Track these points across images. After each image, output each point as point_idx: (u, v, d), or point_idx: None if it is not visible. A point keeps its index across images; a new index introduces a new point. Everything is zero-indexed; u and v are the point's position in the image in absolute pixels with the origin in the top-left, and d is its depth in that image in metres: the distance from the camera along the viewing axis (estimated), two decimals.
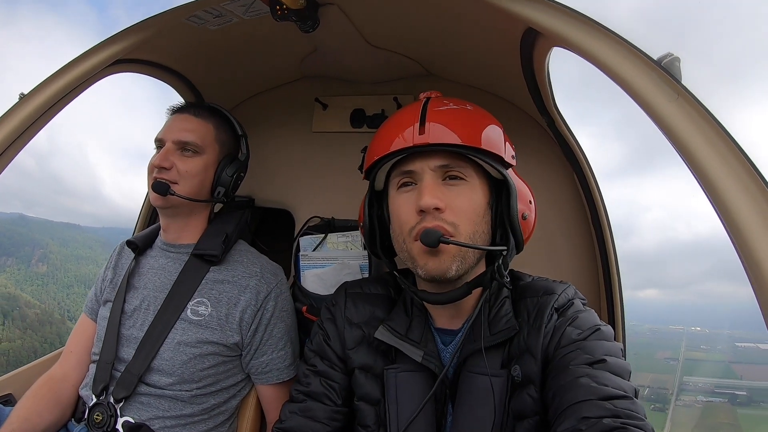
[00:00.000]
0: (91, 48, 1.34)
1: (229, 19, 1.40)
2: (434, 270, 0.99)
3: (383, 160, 1.07)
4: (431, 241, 0.95)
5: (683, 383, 58.04)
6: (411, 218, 1.01)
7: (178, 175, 1.39)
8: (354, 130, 1.86)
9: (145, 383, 1.31)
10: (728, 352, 79.40)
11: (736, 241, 0.82)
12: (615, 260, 1.52)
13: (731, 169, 0.83)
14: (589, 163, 1.55)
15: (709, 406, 53.34)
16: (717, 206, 0.84)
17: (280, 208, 1.94)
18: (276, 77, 1.92)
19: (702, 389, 57.64)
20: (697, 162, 0.85)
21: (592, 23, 0.98)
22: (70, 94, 1.36)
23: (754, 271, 0.79)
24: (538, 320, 1.01)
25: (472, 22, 1.33)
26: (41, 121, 1.33)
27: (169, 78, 1.69)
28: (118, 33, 1.36)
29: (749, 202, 0.81)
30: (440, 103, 1.07)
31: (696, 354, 76.15)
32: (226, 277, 1.41)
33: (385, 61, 1.67)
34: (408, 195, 1.04)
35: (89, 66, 1.33)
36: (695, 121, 0.87)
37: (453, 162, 1.02)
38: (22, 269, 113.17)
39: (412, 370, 1.06)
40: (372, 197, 1.15)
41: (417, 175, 1.03)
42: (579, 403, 0.83)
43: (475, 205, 1.02)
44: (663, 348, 76.04)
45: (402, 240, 1.04)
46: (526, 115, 1.68)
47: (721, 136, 0.85)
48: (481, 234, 1.02)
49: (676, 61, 0.94)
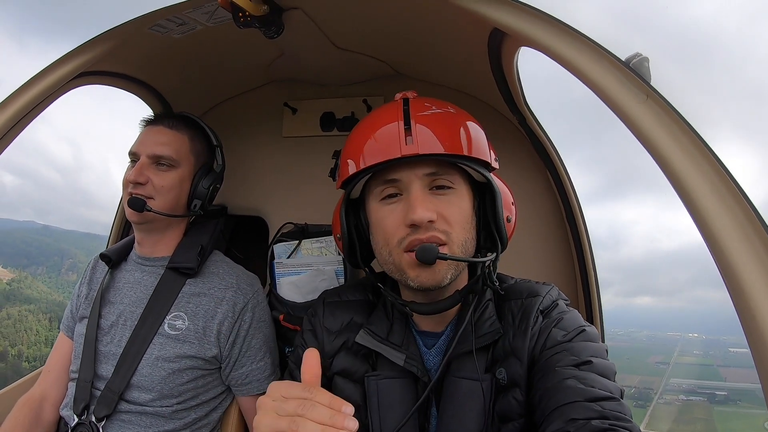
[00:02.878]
0: (54, 62, 1.30)
1: (193, 26, 1.36)
2: (428, 281, 0.96)
3: (363, 172, 1.01)
4: (429, 259, 0.92)
5: (669, 384, 63.65)
6: (398, 230, 0.97)
7: (154, 190, 1.36)
8: (324, 134, 1.84)
9: (126, 400, 1.30)
10: (719, 356, 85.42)
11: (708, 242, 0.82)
12: (591, 257, 1.52)
13: (701, 170, 0.83)
14: (561, 158, 1.53)
15: (688, 404, 59.70)
16: (688, 206, 0.84)
17: (253, 216, 1.92)
18: (244, 83, 1.89)
19: (685, 389, 63.82)
20: (667, 162, 0.85)
21: (557, 24, 0.96)
22: (33, 111, 1.32)
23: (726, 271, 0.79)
24: (524, 323, 1.00)
25: (438, 23, 1.30)
26: (7, 138, 1.30)
27: (135, 89, 1.65)
28: (81, 45, 1.32)
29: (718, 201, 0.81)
30: (422, 106, 1.01)
31: (687, 358, 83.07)
32: (203, 290, 1.40)
33: (353, 62, 1.65)
34: (394, 206, 0.99)
35: (52, 81, 1.30)
36: (664, 122, 0.86)
37: (441, 169, 0.97)
38: (53, 277, 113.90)
39: (394, 377, 1.04)
40: (348, 207, 1.10)
41: (403, 185, 0.98)
42: (566, 404, 0.83)
43: (464, 213, 1.00)
44: (656, 353, 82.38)
45: (388, 252, 1.00)
46: (497, 112, 1.66)
47: (690, 137, 0.85)
48: (470, 240, 1.00)
49: (645, 62, 0.92)
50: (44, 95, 1.30)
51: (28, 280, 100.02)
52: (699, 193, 0.82)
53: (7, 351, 62.84)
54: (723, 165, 0.82)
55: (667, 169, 0.85)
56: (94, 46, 1.32)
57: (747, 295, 0.76)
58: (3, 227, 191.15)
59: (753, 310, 0.75)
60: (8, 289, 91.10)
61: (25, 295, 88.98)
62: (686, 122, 0.85)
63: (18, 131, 1.33)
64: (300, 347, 1.19)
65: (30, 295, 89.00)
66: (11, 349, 63.85)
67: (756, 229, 0.78)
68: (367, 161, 0.99)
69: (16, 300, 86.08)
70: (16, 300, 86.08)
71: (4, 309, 79.24)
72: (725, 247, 0.79)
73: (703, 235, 0.83)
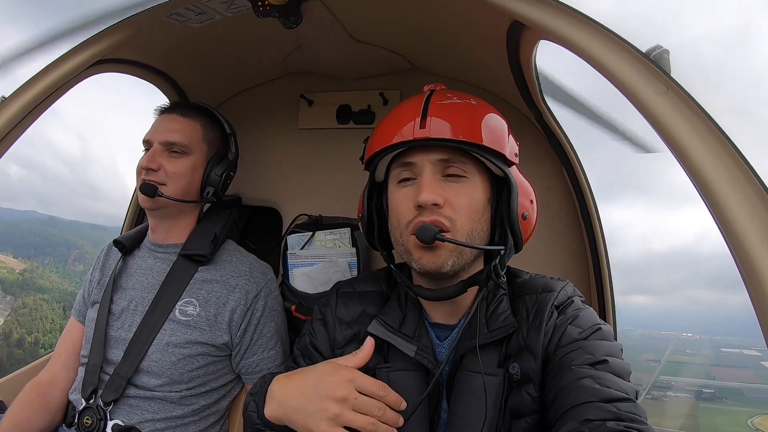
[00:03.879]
0: (71, 49, 1.32)
1: (212, 16, 1.37)
2: (429, 264, 0.97)
3: (383, 152, 1.04)
4: (427, 238, 0.93)
5: (658, 381, 64.76)
6: (409, 212, 0.99)
7: (166, 177, 1.38)
8: (340, 126, 1.84)
9: (134, 385, 1.30)
10: (711, 356, 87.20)
11: (726, 236, 0.81)
12: (606, 257, 1.50)
13: (722, 163, 0.82)
14: (578, 156, 1.52)
15: (674, 400, 60.96)
16: (707, 200, 0.83)
17: (267, 207, 1.93)
18: (261, 74, 1.90)
19: (674, 386, 65.13)
20: (687, 155, 0.84)
21: (578, 15, 0.95)
22: (52, 96, 1.34)
23: (745, 266, 0.78)
24: (538, 318, 0.99)
25: (457, 15, 1.30)
26: (23, 124, 1.32)
27: (152, 77, 1.66)
28: (99, 33, 1.33)
29: (740, 196, 0.80)
30: (444, 96, 1.04)
31: (680, 357, 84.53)
32: (215, 277, 1.40)
33: (370, 56, 1.65)
34: (407, 190, 1.01)
35: (70, 67, 1.31)
36: (685, 115, 0.86)
37: (454, 157, 0.99)
38: (60, 267, 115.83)
39: (405, 369, 1.04)
40: (372, 188, 1.13)
41: (417, 168, 1.00)
42: (581, 405, 0.82)
43: (474, 203, 0.99)
44: (649, 351, 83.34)
45: (399, 233, 1.02)
46: (514, 108, 1.65)
47: (711, 129, 0.84)
48: (479, 232, 1.00)
49: (665, 54, 0.91)
50: (61, 82, 1.32)
51: (40, 270, 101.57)
52: (720, 188, 0.81)
53: (24, 338, 64.04)
54: (745, 159, 0.81)
55: (687, 162, 0.84)
56: (111, 33, 1.34)
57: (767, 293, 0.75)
58: (7, 218, 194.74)
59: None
60: (21, 279, 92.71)
61: (38, 285, 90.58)
62: (708, 115, 0.84)
63: (34, 117, 1.35)
64: (307, 335, 1.20)
65: (43, 285, 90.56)
66: (28, 336, 64.95)
67: None
68: (383, 143, 1.03)
69: (30, 289, 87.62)
70: (30, 289, 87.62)
71: (20, 298, 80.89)
72: (747, 244, 0.78)
73: (722, 231, 0.82)
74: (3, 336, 62.68)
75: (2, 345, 59.68)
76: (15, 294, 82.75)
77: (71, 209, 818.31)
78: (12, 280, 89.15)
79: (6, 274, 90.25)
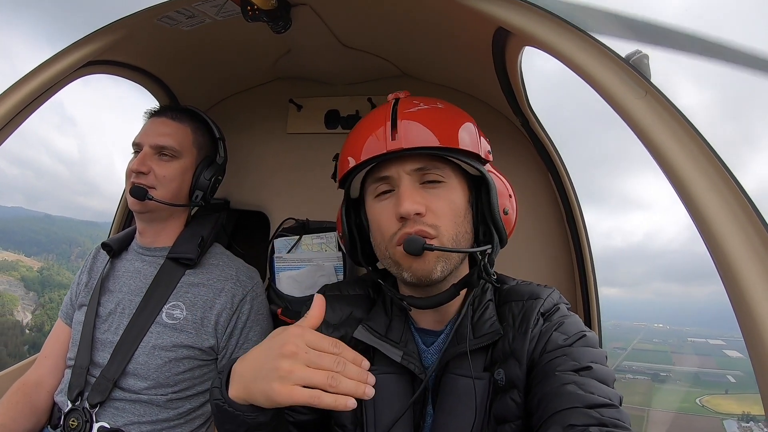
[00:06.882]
0: (63, 49, 1.33)
1: (202, 20, 1.38)
2: (419, 271, 0.97)
3: (356, 169, 1.03)
4: (415, 250, 0.93)
5: (621, 365, 71.90)
6: (392, 225, 0.98)
7: (156, 180, 1.38)
8: (328, 131, 1.85)
9: (120, 388, 1.30)
10: (676, 345, 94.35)
11: (703, 235, 0.82)
12: (590, 259, 1.52)
13: (699, 165, 0.83)
14: (563, 162, 1.54)
15: (632, 381, 68.11)
16: (684, 200, 0.84)
17: (255, 211, 1.93)
18: (250, 79, 1.91)
19: (634, 370, 72.76)
20: (665, 158, 0.86)
21: (561, 22, 0.97)
22: (41, 96, 1.34)
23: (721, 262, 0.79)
24: (524, 325, 0.99)
25: (444, 21, 1.32)
26: (12, 125, 1.32)
27: (143, 80, 1.67)
28: (90, 34, 1.34)
29: (717, 198, 0.81)
30: (410, 104, 1.03)
31: (646, 345, 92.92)
32: (202, 281, 1.40)
33: (359, 61, 1.66)
34: (386, 203, 1.00)
35: (61, 68, 1.31)
36: (663, 117, 0.87)
37: (429, 164, 0.99)
38: (63, 264, 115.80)
39: (391, 372, 1.04)
40: (349, 206, 1.12)
41: (393, 181, 0.99)
42: (565, 410, 0.82)
43: (455, 207, 1.00)
44: (617, 340, 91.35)
45: (384, 247, 1.01)
46: (500, 115, 1.67)
47: (688, 132, 0.85)
48: (464, 234, 1.00)
49: (645, 59, 0.93)
50: (52, 82, 1.32)
51: (55, 267, 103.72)
52: (696, 188, 0.82)
53: None
54: (721, 160, 0.82)
55: (665, 164, 0.86)
56: (102, 35, 1.34)
57: (745, 292, 0.76)
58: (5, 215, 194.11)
59: (751, 308, 0.75)
60: (40, 277, 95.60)
61: (56, 281, 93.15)
62: (685, 118, 0.86)
63: (25, 117, 1.34)
64: None
65: (61, 281, 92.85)
66: None
67: (755, 226, 0.78)
68: (357, 159, 1.01)
69: (51, 286, 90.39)
70: (51, 286, 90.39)
71: (45, 294, 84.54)
72: (723, 243, 0.79)
73: (700, 230, 0.83)
74: (36, 328, 69.10)
75: (38, 335, 64.26)
76: (37, 291, 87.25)
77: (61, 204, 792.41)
78: (33, 278, 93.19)
79: (27, 273, 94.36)
